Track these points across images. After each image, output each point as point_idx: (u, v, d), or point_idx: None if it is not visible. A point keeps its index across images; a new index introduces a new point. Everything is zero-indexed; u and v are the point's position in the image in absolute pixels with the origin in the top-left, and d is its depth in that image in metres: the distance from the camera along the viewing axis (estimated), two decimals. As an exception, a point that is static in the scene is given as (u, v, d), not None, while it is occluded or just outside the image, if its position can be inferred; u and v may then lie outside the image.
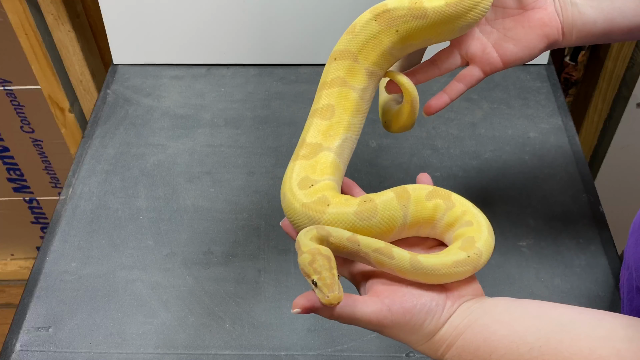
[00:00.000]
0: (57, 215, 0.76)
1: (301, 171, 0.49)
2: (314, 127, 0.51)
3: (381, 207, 0.46)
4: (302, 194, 0.48)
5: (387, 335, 0.45)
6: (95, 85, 1.09)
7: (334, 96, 0.52)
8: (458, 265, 0.43)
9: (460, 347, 0.43)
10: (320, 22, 0.92)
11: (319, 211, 0.46)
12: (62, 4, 0.97)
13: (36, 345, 0.64)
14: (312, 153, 0.50)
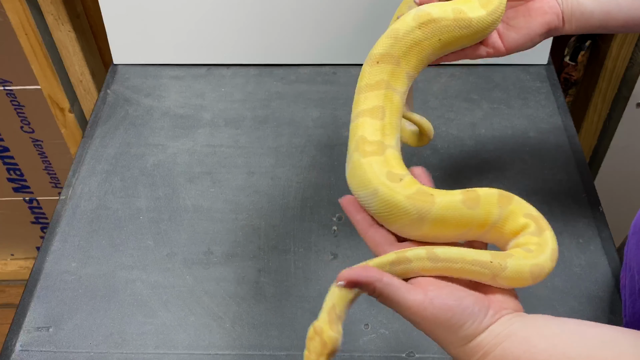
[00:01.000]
0: (57, 215, 0.76)
1: (381, 166, 0.48)
2: (370, 125, 0.51)
3: (483, 199, 0.46)
4: (400, 187, 0.47)
5: (424, 330, 0.44)
6: (95, 85, 1.09)
7: (381, 98, 0.52)
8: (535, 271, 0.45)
9: (499, 356, 0.42)
10: (320, 22, 0.92)
11: (428, 201, 0.46)
12: (62, 4, 0.97)
13: (36, 345, 0.64)
14: (379, 150, 0.49)
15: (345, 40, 0.94)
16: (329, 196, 0.78)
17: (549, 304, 0.66)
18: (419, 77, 0.94)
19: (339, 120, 0.88)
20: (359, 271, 0.44)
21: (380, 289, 0.43)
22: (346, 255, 0.71)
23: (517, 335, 0.42)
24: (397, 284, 0.44)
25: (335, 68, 0.96)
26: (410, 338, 0.64)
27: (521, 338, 0.42)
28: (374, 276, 0.44)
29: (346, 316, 0.48)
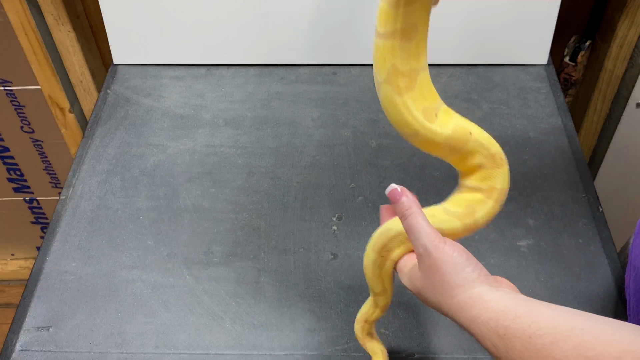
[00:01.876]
0: (57, 215, 0.76)
1: (417, 104, 0.48)
2: (402, 51, 0.46)
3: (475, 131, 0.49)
4: (437, 127, 0.48)
5: (426, 272, 0.46)
6: (95, 86, 1.09)
7: (416, 14, 0.45)
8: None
9: (501, 311, 0.42)
10: (320, 22, 0.92)
11: (465, 139, 0.48)
12: (62, 4, 0.97)
13: (36, 345, 0.64)
14: (412, 81, 0.48)
15: (345, 40, 0.94)
16: (329, 196, 0.78)
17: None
18: (419, 77, 0.94)
19: (339, 120, 0.88)
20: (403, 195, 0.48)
21: (406, 213, 0.46)
22: (346, 255, 0.71)
23: (519, 297, 0.42)
24: (423, 215, 0.47)
25: (335, 68, 0.96)
26: (410, 338, 0.64)
27: (524, 300, 0.42)
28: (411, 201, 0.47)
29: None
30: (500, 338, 0.41)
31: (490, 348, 0.42)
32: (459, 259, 0.45)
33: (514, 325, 0.40)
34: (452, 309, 0.45)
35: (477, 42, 0.93)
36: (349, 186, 0.79)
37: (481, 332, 0.42)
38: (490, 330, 0.42)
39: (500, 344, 0.41)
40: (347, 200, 0.77)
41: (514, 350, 0.40)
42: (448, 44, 0.94)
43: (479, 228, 0.50)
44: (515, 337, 0.40)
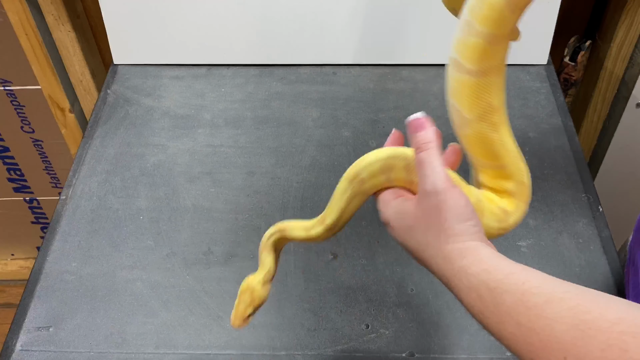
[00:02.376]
0: (57, 215, 0.77)
1: (510, 137, 0.49)
2: (497, 87, 0.48)
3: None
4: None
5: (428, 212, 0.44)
6: (95, 86, 1.09)
7: (506, 48, 0.48)
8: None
9: (494, 265, 0.40)
10: (320, 22, 0.92)
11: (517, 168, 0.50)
12: (62, 4, 0.97)
13: (36, 345, 0.64)
14: (502, 115, 0.49)
15: (345, 40, 0.94)
16: (329, 196, 0.78)
17: (548, 304, 0.66)
18: (418, 77, 0.94)
19: (339, 120, 0.88)
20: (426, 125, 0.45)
21: (431, 146, 0.45)
22: (346, 255, 0.71)
23: (512, 261, 0.41)
24: (439, 156, 0.45)
25: (335, 68, 0.96)
26: (410, 338, 0.64)
27: (519, 265, 0.41)
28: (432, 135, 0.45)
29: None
30: (489, 290, 0.39)
31: (474, 301, 0.41)
32: (466, 209, 0.43)
33: (506, 280, 0.39)
34: (440, 255, 0.43)
35: (477, 42, 0.93)
36: (349, 186, 0.79)
37: (469, 282, 0.41)
38: (480, 282, 0.40)
39: (488, 297, 0.39)
40: (347, 200, 0.77)
41: (502, 305, 0.38)
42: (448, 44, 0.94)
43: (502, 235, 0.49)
44: (507, 292, 0.38)
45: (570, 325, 0.34)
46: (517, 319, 0.37)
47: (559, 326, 0.35)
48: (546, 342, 0.36)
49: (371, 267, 0.70)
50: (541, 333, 0.36)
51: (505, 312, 0.38)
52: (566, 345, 0.34)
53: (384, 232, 0.73)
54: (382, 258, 0.71)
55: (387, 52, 0.95)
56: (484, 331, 0.64)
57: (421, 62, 0.96)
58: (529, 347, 0.37)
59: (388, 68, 0.96)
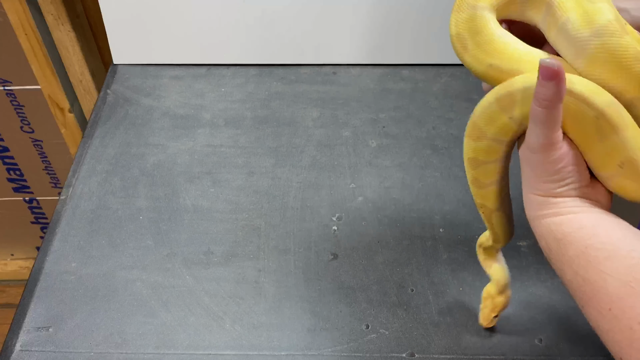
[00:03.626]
0: (57, 215, 0.76)
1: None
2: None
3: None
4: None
5: (529, 162, 0.43)
6: (95, 86, 1.09)
7: None
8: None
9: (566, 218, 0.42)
10: (320, 22, 0.92)
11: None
12: (62, 4, 0.97)
13: (36, 345, 0.64)
14: None
15: (345, 40, 0.94)
16: (329, 196, 0.78)
17: (548, 303, 0.66)
18: (418, 77, 0.94)
19: (339, 120, 0.88)
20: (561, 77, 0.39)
21: (552, 108, 0.40)
22: (346, 255, 0.71)
23: (595, 211, 0.42)
24: (555, 117, 0.41)
25: (335, 68, 0.96)
26: (411, 338, 0.64)
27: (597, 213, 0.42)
28: (557, 96, 0.40)
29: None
30: (556, 241, 0.42)
31: (542, 247, 0.44)
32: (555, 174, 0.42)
33: (574, 233, 0.41)
34: (525, 199, 0.45)
35: (477, 42, 0.93)
36: (349, 186, 0.79)
37: (540, 232, 0.43)
38: (549, 232, 0.42)
39: (554, 246, 0.42)
40: (347, 200, 0.77)
41: (564, 255, 0.41)
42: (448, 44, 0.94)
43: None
44: (571, 244, 0.41)
45: (624, 282, 0.36)
46: (576, 269, 0.40)
47: (612, 281, 0.37)
48: (596, 293, 0.38)
49: (371, 267, 0.70)
50: (594, 284, 0.38)
51: (566, 262, 0.41)
52: (613, 298, 0.37)
53: (384, 232, 0.73)
54: (382, 258, 0.71)
55: (387, 52, 0.95)
56: (484, 331, 0.65)
57: (421, 62, 0.96)
58: (581, 295, 0.40)
59: (388, 68, 0.96)
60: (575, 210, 0.42)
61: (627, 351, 0.36)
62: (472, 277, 0.69)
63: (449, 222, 0.74)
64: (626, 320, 0.36)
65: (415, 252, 0.71)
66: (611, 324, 0.37)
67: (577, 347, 0.63)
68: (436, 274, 0.69)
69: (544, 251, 0.44)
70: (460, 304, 0.66)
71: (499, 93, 0.47)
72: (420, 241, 0.73)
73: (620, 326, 0.36)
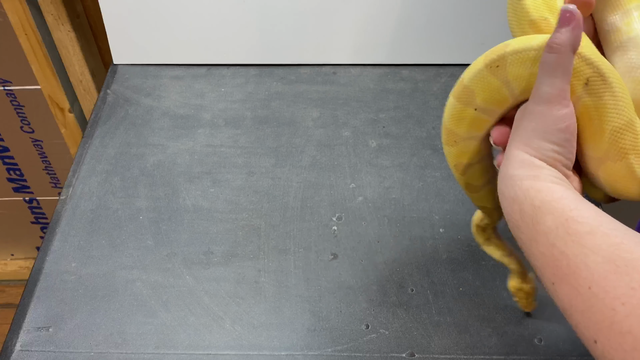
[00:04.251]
0: (57, 215, 0.76)
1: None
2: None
3: None
4: None
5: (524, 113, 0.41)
6: (95, 86, 1.09)
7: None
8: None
9: (547, 187, 0.39)
10: (320, 22, 0.92)
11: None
12: (62, 4, 0.97)
13: (36, 345, 0.64)
14: None
15: (345, 40, 0.94)
16: (329, 196, 0.78)
17: (548, 303, 0.66)
18: (418, 77, 0.94)
19: (339, 120, 0.88)
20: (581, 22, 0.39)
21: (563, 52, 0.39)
22: (346, 255, 0.71)
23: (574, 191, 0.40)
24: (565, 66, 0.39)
25: (335, 68, 0.96)
26: (410, 338, 0.64)
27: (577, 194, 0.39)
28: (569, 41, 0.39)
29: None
30: (533, 208, 0.38)
31: (514, 213, 0.40)
32: (559, 134, 0.40)
33: (555, 203, 0.38)
34: (506, 154, 0.42)
35: (477, 41, 0.93)
36: (349, 186, 0.79)
37: (514, 193, 0.40)
38: (526, 197, 0.39)
39: (529, 213, 0.38)
40: (347, 200, 0.77)
41: (541, 225, 0.37)
42: (448, 43, 0.94)
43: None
44: (551, 213, 0.37)
45: (607, 259, 0.34)
46: (553, 241, 0.36)
47: (594, 257, 0.34)
48: (574, 269, 0.35)
49: (371, 267, 0.70)
50: (573, 259, 0.35)
51: (542, 232, 0.37)
52: (595, 275, 0.34)
53: (384, 232, 0.74)
54: (382, 258, 0.71)
55: (387, 52, 0.95)
56: (484, 331, 0.65)
57: (421, 62, 0.96)
58: (555, 270, 0.36)
59: (388, 68, 0.96)
60: (556, 181, 0.40)
61: (605, 333, 0.33)
62: (472, 277, 0.69)
63: (449, 222, 0.74)
64: (609, 300, 0.33)
65: (415, 252, 0.71)
66: (589, 302, 0.34)
67: (577, 347, 0.63)
68: (436, 274, 0.69)
69: (512, 219, 0.40)
70: (460, 304, 0.67)
71: (457, 91, 0.47)
72: (420, 241, 0.73)
73: (600, 306, 0.33)
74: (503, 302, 0.66)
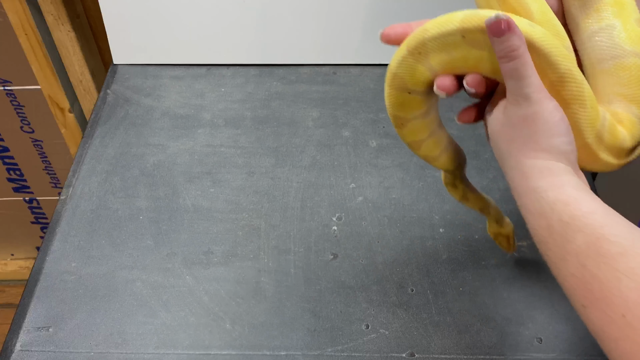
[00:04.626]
0: (57, 215, 0.76)
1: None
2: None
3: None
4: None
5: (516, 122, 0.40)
6: (95, 86, 1.09)
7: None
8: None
9: (574, 197, 0.37)
10: (320, 22, 0.92)
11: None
12: (62, 4, 0.97)
13: (36, 345, 0.64)
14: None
15: (345, 40, 0.94)
16: (329, 196, 0.78)
17: (548, 303, 0.66)
18: (419, 77, 0.94)
19: (339, 120, 0.88)
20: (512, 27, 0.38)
21: (521, 53, 0.38)
22: (346, 255, 0.71)
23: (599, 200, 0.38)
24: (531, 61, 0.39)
25: (335, 68, 0.96)
26: (411, 338, 0.64)
27: (603, 204, 0.37)
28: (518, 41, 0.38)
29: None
30: (562, 224, 0.36)
31: (541, 228, 0.38)
32: (560, 124, 0.39)
33: (584, 218, 0.35)
34: (519, 167, 0.40)
35: (477, 42, 0.93)
36: (349, 186, 0.79)
37: (540, 207, 0.38)
38: (553, 211, 0.37)
39: (558, 229, 0.36)
40: (347, 200, 0.77)
41: (571, 243, 0.35)
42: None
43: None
44: (581, 231, 0.35)
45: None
46: (584, 262, 0.34)
47: (628, 282, 0.32)
48: (607, 294, 0.33)
49: (371, 267, 0.70)
50: (606, 283, 0.33)
51: (572, 251, 0.35)
52: (629, 302, 0.32)
53: (384, 232, 0.74)
54: (382, 258, 0.71)
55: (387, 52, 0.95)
56: (484, 331, 0.65)
57: (421, 62, 0.96)
58: (586, 293, 0.34)
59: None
60: (579, 187, 0.37)
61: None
62: (472, 277, 0.69)
63: (449, 222, 0.74)
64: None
65: (415, 252, 0.72)
66: (623, 332, 0.32)
67: (577, 347, 0.63)
68: (436, 274, 0.69)
69: (539, 234, 0.38)
70: (460, 304, 0.67)
71: (388, 78, 0.49)
72: (420, 241, 0.73)
73: (634, 337, 0.31)
74: (503, 302, 0.67)
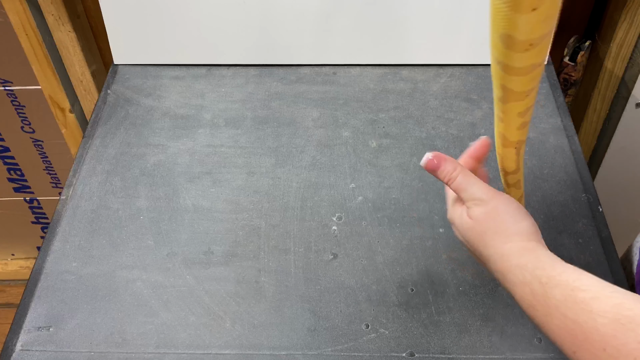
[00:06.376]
0: (57, 215, 0.77)
1: None
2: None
3: None
4: None
5: (482, 219, 0.48)
6: (95, 86, 1.09)
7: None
8: None
9: (549, 263, 0.44)
10: (320, 22, 0.92)
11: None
12: (62, 4, 0.97)
13: (37, 345, 0.65)
14: None
15: (345, 40, 0.94)
16: (329, 196, 0.78)
17: (548, 303, 0.67)
18: (419, 77, 0.94)
19: (339, 120, 0.88)
20: (440, 162, 0.50)
21: (458, 171, 0.49)
22: (346, 255, 0.72)
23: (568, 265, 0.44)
24: (470, 177, 0.49)
25: (335, 68, 0.96)
26: (410, 338, 0.64)
27: (572, 266, 0.44)
28: (450, 168, 0.49)
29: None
30: (541, 285, 0.42)
31: (526, 294, 0.43)
32: (519, 210, 0.47)
33: (559, 277, 0.42)
34: (498, 253, 0.47)
35: (477, 42, 0.93)
36: (349, 186, 0.79)
37: (524, 278, 0.44)
38: (534, 277, 0.43)
39: (539, 290, 0.42)
40: (347, 200, 0.77)
41: (552, 299, 0.41)
42: (448, 43, 0.94)
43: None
44: (558, 286, 0.41)
45: (612, 319, 0.37)
46: (564, 312, 0.40)
47: (602, 320, 0.37)
48: (588, 334, 0.38)
49: (371, 267, 0.70)
50: (584, 325, 0.38)
51: (553, 305, 0.41)
52: (606, 337, 0.37)
53: (384, 232, 0.74)
54: (382, 258, 0.71)
55: (387, 52, 0.96)
56: (484, 331, 0.65)
57: (421, 62, 0.96)
58: (572, 339, 0.39)
59: (388, 68, 0.96)
60: (549, 256, 0.45)
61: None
62: (472, 277, 0.69)
63: (448, 222, 0.74)
64: (623, 358, 0.36)
65: (415, 252, 0.72)
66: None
67: (576, 346, 0.63)
68: (436, 274, 0.69)
69: (525, 300, 0.44)
70: (460, 304, 0.67)
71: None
72: (420, 241, 0.73)
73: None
74: (503, 302, 0.67)
